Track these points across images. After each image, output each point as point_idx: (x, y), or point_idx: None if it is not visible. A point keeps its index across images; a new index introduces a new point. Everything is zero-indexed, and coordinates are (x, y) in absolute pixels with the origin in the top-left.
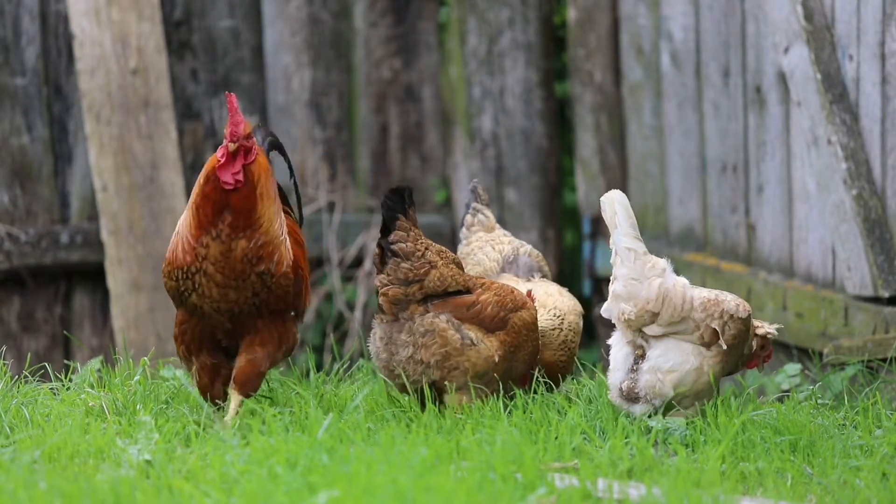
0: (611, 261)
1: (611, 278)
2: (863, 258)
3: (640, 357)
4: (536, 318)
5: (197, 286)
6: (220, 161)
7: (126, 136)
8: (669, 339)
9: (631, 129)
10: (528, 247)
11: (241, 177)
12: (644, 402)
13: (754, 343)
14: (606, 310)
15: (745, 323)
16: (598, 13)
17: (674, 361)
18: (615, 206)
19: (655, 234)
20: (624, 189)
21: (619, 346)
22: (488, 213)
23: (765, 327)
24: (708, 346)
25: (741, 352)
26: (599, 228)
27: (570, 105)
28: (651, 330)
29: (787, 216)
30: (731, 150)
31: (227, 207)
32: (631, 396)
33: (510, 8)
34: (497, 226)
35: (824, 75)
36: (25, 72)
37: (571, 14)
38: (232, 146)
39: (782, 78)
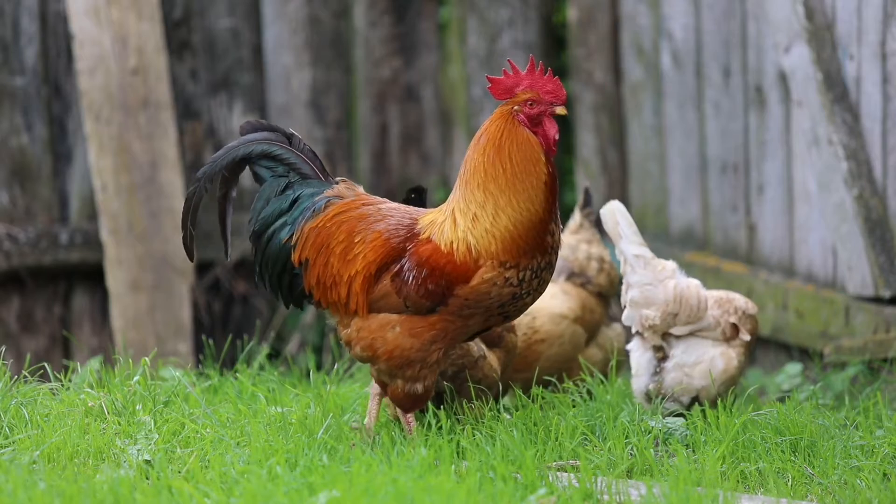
0: (620, 270)
1: (623, 286)
2: (863, 258)
3: (662, 359)
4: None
5: (541, 284)
6: (539, 129)
7: (125, 136)
8: (690, 337)
9: (631, 129)
10: (582, 252)
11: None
12: (671, 400)
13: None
14: (627, 317)
15: (756, 319)
16: (598, 12)
17: (698, 354)
18: (616, 216)
19: (656, 234)
20: (624, 189)
21: (640, 352)
22: (578, 217)
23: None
24: (729, 341)
25: (752, 348)
26: (599, 228)
27: (571, 105)
28: (677, 330)
29: (787, 216)
30: (731, 149)
31: (557, 183)
32: (668, 395)
33: (510, 7)
34: (584, 228)
35: (825, 75)
36: (25, 71)
37: (572, 13)
38: (562, 110)
39: (783, 78)
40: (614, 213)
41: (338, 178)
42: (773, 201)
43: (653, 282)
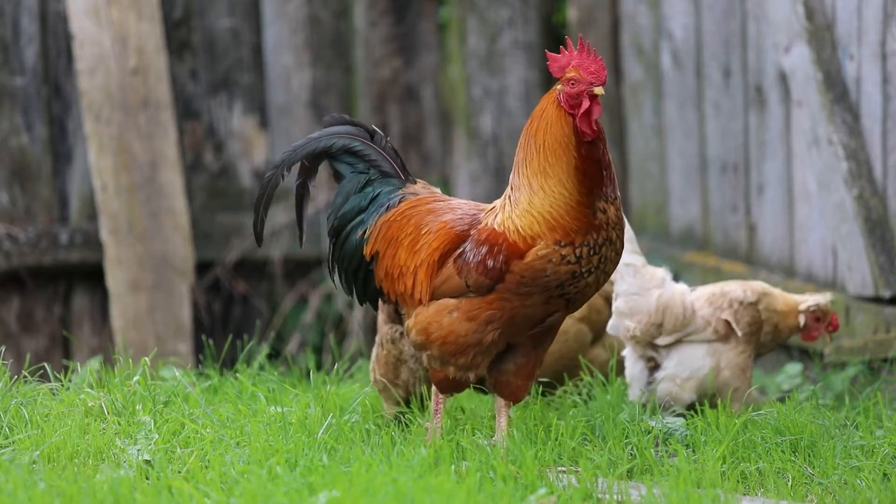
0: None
1: (613, 294)
2: (863, 258)
3: (654, 368)
4: None
5: (602, 262)
6: (578, 110)
7: (125, 136)
8: (682, 345)
9: (631, 129)
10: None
11: (596, 126)
12: (667, 408)
13: (802, 319)
14: (612, 326)
15: (757, 308)
16: (598, 12)
17: (690, 369)
18: None
19: (656, 234)
20: (624, 189)
21: (632, 361)
22: None
23: (808, 302)
24: (725, 339)
25: (764, 333)
26: None
27: None
28: (661, 340)
29: (787, 216)
30: (731, 149)
31: (600, 163)
32: (662, 404)
33: (510, 7)
34: None
35: (825, 75)
36: (25, 71)
37: (572, 13)
38: (600, 90)
39: (783, 77)
40: None
41: (416, 179)
42: (773, 201)
43: (639, 291)
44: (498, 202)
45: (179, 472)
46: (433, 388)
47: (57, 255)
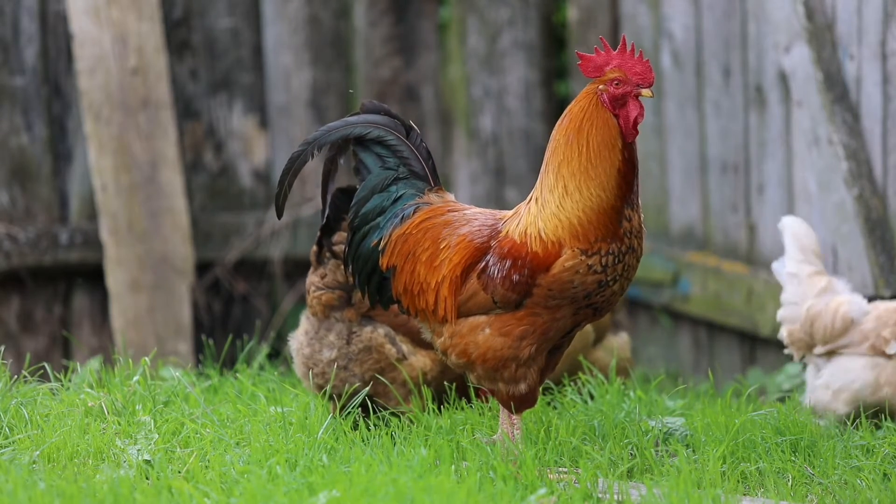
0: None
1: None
2: (864, 258)
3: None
4: None
5: (626, 269)
6: (623, 111)
7: (125, 136)
8: (839, 356)
9: None
10: None
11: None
12: (821, 417)
13: None
14: (781, 334)
15: None
16: (598, 12)
17: (844, 380)
18: (785, 232)
19: (656, 235)
20: None
21: (810, 366)
22: None
23: None
24: (883, 355)
25: None
26: None
27: None
28: (816, 350)
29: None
30: (731, 149)
31: (635, 167)
32: (816, 412)
33: (510, 7)
34: None
35: (825, 75)
36: (25, 71)
37: (572, 13)
38: (648, 92)
39: (783, 77)
40: (785, 229)
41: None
42: (773, 201)
43: (798, 301)
44: (522, 205)
45: (179, 472)
46: (502, 409)
47: (57, 255)
